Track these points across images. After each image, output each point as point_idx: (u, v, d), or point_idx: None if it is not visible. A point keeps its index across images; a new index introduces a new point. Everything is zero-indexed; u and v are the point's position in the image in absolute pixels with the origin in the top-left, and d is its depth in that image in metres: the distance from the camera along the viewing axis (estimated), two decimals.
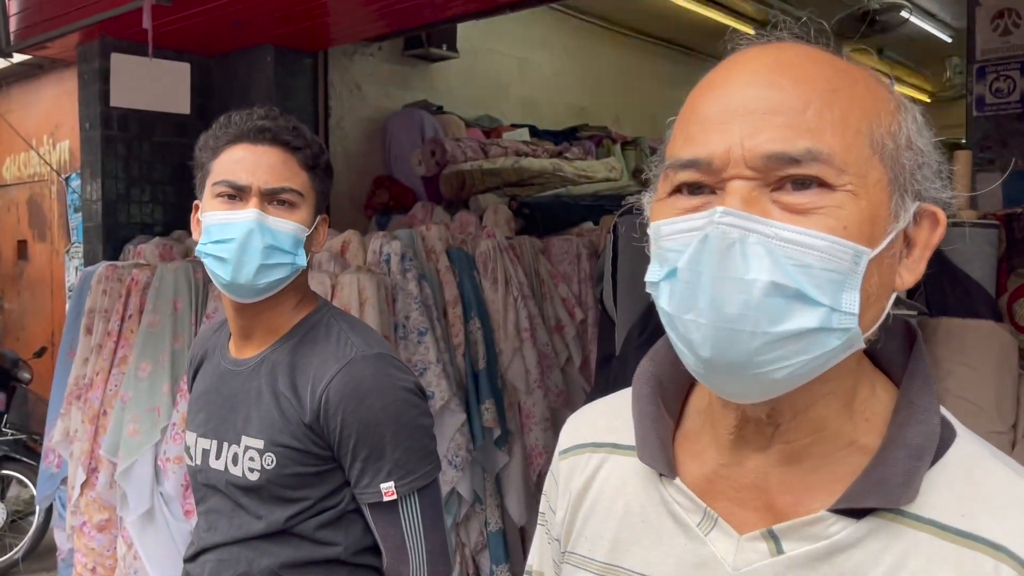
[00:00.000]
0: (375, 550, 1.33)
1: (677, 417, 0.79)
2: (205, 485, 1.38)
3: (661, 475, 0.74)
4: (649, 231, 0.69)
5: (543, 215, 4.14)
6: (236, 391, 1.36)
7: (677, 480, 0.73)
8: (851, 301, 0.61)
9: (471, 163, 4.32)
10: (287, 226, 1.31)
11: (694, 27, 6.48)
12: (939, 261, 1.83)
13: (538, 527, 0.91)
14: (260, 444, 1.30)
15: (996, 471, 0.66)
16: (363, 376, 1.28)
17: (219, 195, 1.32)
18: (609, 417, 0.84)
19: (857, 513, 0.65)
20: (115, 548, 3.15)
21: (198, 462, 1.39)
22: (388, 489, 1.27)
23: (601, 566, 0.77)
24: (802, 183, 0.61)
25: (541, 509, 0.90)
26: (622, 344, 2.07)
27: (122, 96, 3.58)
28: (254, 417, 1.32)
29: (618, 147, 5.45)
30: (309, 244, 1.36)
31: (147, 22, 3.35)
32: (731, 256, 0.60)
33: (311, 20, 3.82)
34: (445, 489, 2.89)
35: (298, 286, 1.38)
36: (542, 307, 3.43)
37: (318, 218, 1.38)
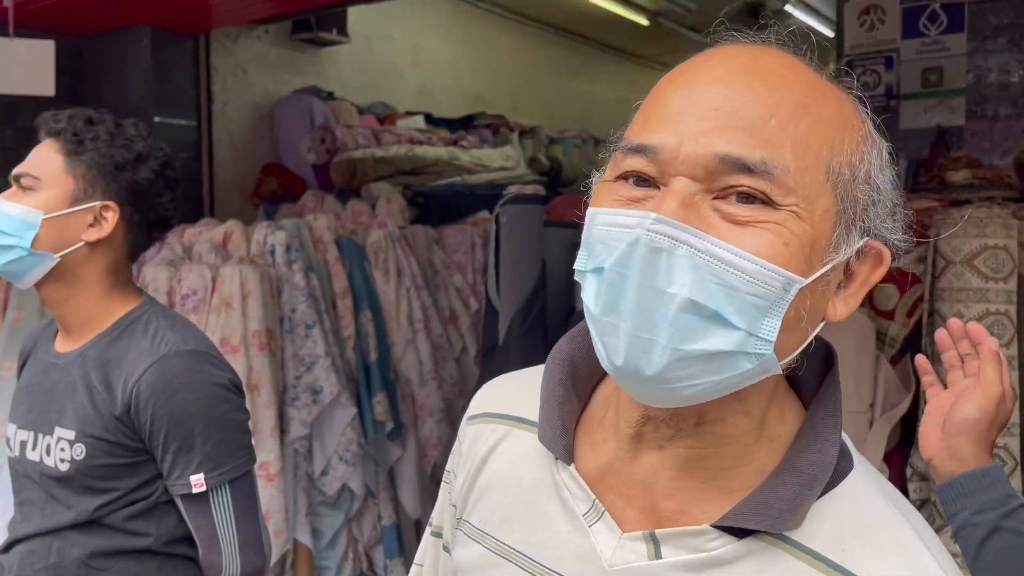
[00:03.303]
0: (191, 541, 1.36)
1: (585, 402, 0.78)
2: (23, 476, 1.40)
3: (557, 459, 0.73)
4: (587, 212, 0.65)
5: (438, 204, 4.10)
6: (54, 383, 1.39)
7: (572, 467, 0.72)
8: (771, 328, 0.58)
9: (363, 151, 4.24)
10: (12, 208, 1.34)
11: (590, 16, 6.54)
12: None
13: (443, 484, 0.90)
14: (71, 435, 1.33)
15: (884, 510, 0.65)
16: (175, 371, 1.31)
17: None
18: (520, 389, 0.83)
19: (741, 532, 0.64)
20: None
21: (16, 453, 1.41)
22: (198, 480, 1.31)
23: (488, 539, 0.77)
24: (747, 197, 0.58)
25: (448, 467, 0.89)
26: (505, 334, 2.07)
27: None
28: (68, 409, 1.35)
29: (515, 136, 5.45)
30: (66, 231, 1.35)
31: None
32: (656, 265, 0.58)
33: (189, 0, 3.66)
34: (336, 485, 2.84)
35: (95, 276, 1.39)
36: (436, 297, 3.40)
37: (87, 205, 1.36)
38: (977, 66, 3.01)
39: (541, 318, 1.85)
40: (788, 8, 5.64)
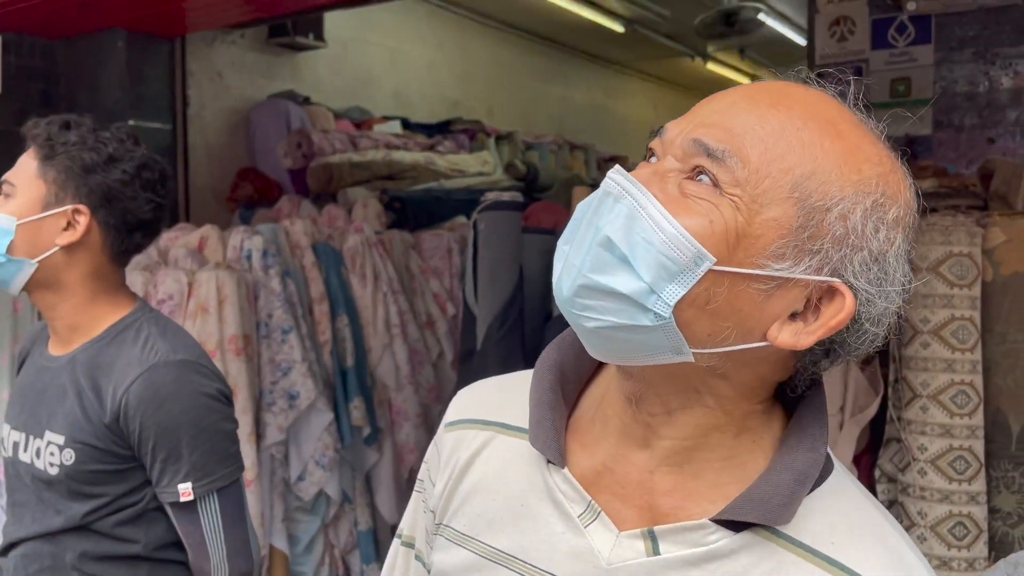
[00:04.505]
0: (181, 546, 1.38)
1: (572, 407, 0.80)
2: (15, 477, 1.41)
3: (549, 462, 0.75)
4: None
5: (415, 209, 4.11)
6: (46, 386, 1.39)
7: (565, 469, 0.74)
8: (673, 292, 0.63)
9: (339, 156, 4.24)
10: None
11: (566, 23, 6.59)
12: None
13: (415, 493, 0.90)
14: (61, 440, 1.33)
15: (864, 507, 0.71)
16: (163, 382, 1.32)
17: None
18: (502, 396, 0.85)
19: (737, 526, 0.68)
20: None
21: (9, 454, 1.42)
22: (185, 490, 1.32)
23: (474, 543, 0.78)
24: (700, 176, 0.66)
25: (420, 476, 0.89)
26: (483, 339, 2.09)
27: None
28: (58, 413, 1.35)
29: (492, 141, 5.47)
30: (40, 236, 1.36)
31: None
32: (604, 206, 0.67)
33: (165, 3, 3.64)
34: (312, 490, 2.83)
35: (77, 281, 1.38)
36: (413, 302, 3.40)
37: (58, 210, 1.36)
38: (944, 77, 3.08)
39: (518, 324, 1.86)
40: (761, 16, 5.71)
